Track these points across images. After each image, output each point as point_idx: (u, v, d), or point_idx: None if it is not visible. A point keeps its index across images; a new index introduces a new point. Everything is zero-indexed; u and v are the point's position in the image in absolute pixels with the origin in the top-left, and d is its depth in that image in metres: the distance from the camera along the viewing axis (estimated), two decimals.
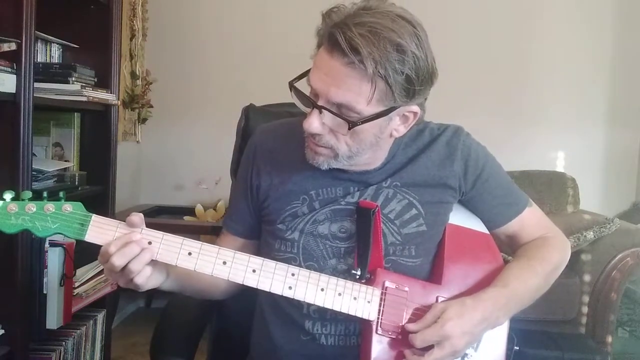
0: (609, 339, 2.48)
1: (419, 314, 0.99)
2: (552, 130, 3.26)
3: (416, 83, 0.92)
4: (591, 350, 2.42)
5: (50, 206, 0.91)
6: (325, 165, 1.01)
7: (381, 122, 0.96)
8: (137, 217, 0.92)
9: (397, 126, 1.00)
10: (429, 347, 0.94)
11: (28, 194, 0.91)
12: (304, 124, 0.96)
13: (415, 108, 0.98)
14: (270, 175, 1.10)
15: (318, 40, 0.96)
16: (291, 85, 0.97)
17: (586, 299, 2.53)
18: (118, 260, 0.88)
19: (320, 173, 1.06)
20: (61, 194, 0.94)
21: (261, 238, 1.14)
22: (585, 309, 2.53)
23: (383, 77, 0.89)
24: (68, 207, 0.92)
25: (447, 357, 0.94)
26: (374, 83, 0.89)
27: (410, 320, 0.98)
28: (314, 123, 0.94)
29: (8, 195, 0.90)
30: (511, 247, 1.17)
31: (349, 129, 0.93)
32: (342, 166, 1.02)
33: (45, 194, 0.93)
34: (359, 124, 0.92)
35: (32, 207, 0.90)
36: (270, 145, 1.13)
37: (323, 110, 0.93)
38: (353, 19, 0.89)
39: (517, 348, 1.07)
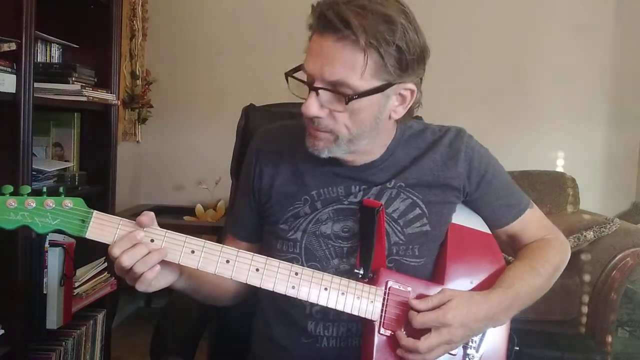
0: (609, 339, 2.48)
1: None
2: (552, 130, 3.26)
3: (407, 54, 0.93)
4: (591, 350, 2.42)
5: (50, 202, 0.88)
6: (325, 152, 1.00)
7: (379, 100, 0.96)
8: (147, 218, 0.91)
9: (395, 107, 1.00)
10: (424, 332, 0.93)
11: (27, 188, 0.88)
12: (303, 108, 0.96)
13: (411, 86, 0.98)
14: (272, 176, 1.10)
15: (311, 30, 0.96)
16: (287, 76, 0.98)
17: (586, 299, 2.53)
18: (126, 261, 0.87)
19: (322, 173, 1.07)
20: (61, 189, 0.91)
21: (263, 238, 1.14)
22: (585, 309, 2.53)
23: (375, 47, 0.90)
24: (68, 202, 0.89)
25: (441, 345, 0.94)
26: (366, 54, 0.90)
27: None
28: (312, 106, 0.95)
29: (7, 190, 0.87)
30: (512, 247, 1.18)
31: (346, 102, 0.93)
32: (343, 153, 1.01)
33: (44, 189, 0.90)
34: (355, 98, 0.93)
35: (31, 202, 0.88)
36: (272, 146, 1.13)
37: (319, 91, 0.94)
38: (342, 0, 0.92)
39: (518, 348, 1.08)
